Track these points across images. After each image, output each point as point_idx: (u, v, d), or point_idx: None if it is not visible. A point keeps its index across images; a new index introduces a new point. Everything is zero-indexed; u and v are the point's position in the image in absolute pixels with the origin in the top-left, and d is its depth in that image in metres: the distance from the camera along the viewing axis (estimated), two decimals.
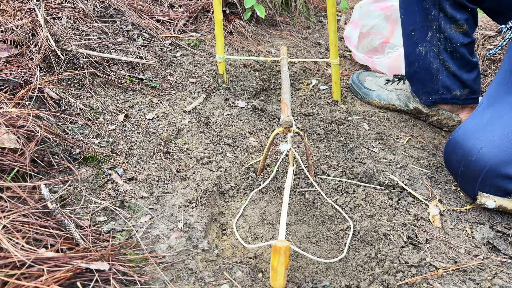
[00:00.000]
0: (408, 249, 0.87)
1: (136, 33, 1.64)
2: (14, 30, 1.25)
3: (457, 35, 1.22)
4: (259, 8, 1.85)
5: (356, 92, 1.57)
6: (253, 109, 1.43)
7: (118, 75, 1.38)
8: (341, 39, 2.02)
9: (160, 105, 1.32)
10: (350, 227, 0.94)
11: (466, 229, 0.97)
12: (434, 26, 1.24)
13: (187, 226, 0.88)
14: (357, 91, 1.57)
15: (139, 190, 0.97)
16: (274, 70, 1.66)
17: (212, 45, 1.75)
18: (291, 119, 0.96)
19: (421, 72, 1.34)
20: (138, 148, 1.11)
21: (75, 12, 1.58)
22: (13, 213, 0.75)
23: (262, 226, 0.96)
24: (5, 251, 0.67)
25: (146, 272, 0.75)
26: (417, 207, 1.02)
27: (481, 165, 0.98)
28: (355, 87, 1.58)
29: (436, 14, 1.21)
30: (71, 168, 0.96)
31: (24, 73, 1.14)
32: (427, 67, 1.32)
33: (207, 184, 1.01)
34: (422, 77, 1.35)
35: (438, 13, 1.21)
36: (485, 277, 0.82)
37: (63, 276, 0.65)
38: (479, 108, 1.08)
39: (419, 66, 1.34)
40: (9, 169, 0.86)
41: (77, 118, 1.13)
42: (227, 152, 1.18)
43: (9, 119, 0.94)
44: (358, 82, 1.57)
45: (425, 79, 1.35)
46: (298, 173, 1.11)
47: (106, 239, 0.81)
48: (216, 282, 0.77)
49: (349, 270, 0.84)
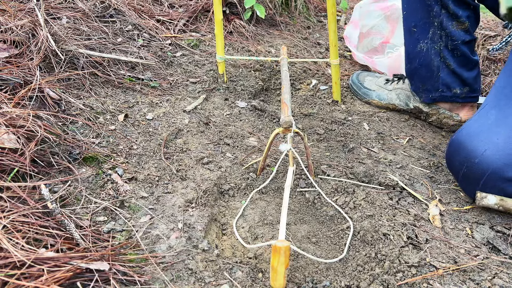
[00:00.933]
0: (408, 249, 0.87)
1: (136, 33, 1.64)
2: (14, 30, 1.25)
3: (459, 33, 1.22)
4: (259, 8, 1.85)
5: (356, 92, 1.57)
6: (253, 109, 1.43)
7: (118, 75, 1.38)
8: (341, 39, 2.02)
9: (160, 105, 1.32)
10: (350, 227, 0.94)
11: (466, 229, 0.97)
12: (436, 23, 1.23)
13: (187, 226, 0.88)
14: (357, 91, 1.57)
15: (139, 190, 0.97)
16: (274, 70, 1.66)
17: (212, 45, 1.75)
18: (291, 119, 0.96)
19: (422, 69, 1.34)
20: (138, 148, 1.11)
21: (75, 12, 1.58)
22: (13, 213, 0.75)
23: (262, 226, 0.96)
24: (5, 251, 0.67)
25: (146, 272, 0.75)
26: (417, 207, 1.02)
27: (484, 168, 0.97)
28: (354, 87, 1.58)
29: (438, 10, 1.21)
30: (71, 168, 0.96)
31: (24, 73, 1.14)
32: (428, 64, 1.32)
33: (207, 184, 1.01)
34: (423, 74, 1.35)
35: (440, 10, 1.21)
36: (485, 277, 0.82)
37: (63, 276, 0.65)
38: (484, 108, 1.06)
39: (420, 63, 1.34)
40: (9, 169, 0.86)
41: (77, 118, 1.13)
42: (227, 152, 1.18)
43: (9, 119, 0.94)
44: (358, 82, 1.57)
45: (425, 76, 1.34)
46: (298, 173, 1.11)
47: (106, 239, 0.81)
48: (216, 282, 0.77)
49: (349, 270, 0.84)
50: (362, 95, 1.55)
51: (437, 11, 1.21)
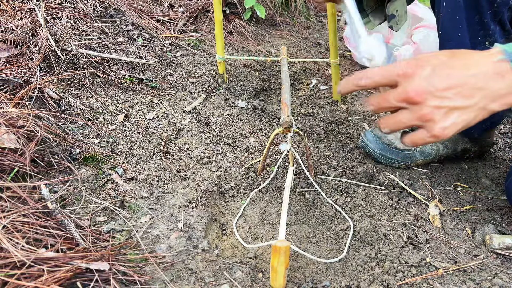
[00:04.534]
0: (408, 249, 0.87)
1: (136, 33, 1.64)
2: (14, 30, 1.25)
3: None
4: (259, 8, 1.85)
5: (391, 160, 1.17)
6: (253, 109, 1.43)
7: (118, 75, 1.38)
8: (341, 39, 2.02)
9: (160, 105, 1.32)
10: (350, 227, 0.94)
11: (466, 229, 0.97)
12: (487, 43, 1.05)
13: (187, 226, 0.88)
14: (393, 158, 1.17)
15: (139, 190, 0.97)
16: (274, 70, 1.66)
17: (212, 45, 1.75)
18: (291, 119, 0.96)
19: None
20: (138, 148, 1.11)
21: (75, 12, 1.58)
22: (13, 213, 0.75)
23: (262, 226, 0.96)
24: (5, 251, 0.67)
25: (146, 272, 0.75)
26: (417, 207, 1.02)
27: None
28: (388, 154, 1.18)
29: (494, 28, 1.04)
30: (71, 168, 0.96)
31: (24, 73, 1.14)
32: None
33: (207, 184, 1.01)
34: None
35: (495, 27, 1.04)
36: (485, 277, 0.82)
37: (63, 276, 0.65)
38: None
39: None
40: (9, 169, 0.86)
41: (77, 118, 1.13)
42: (227, 152, 1.18)
43: (9, 119, 0.94)
44: (390, 147, 1.18)
45: None
46: (298, 173, 1.11)
47: (106, 239, 0.81)
48: (216, 282, 0.77)
49: (349, 270, 0.84)
50: (402, 161, 1.18)
51: (493, 30, 1.04)
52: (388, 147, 1.17)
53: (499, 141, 1.38)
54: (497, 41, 1.05)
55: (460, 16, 1.02)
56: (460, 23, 1.04)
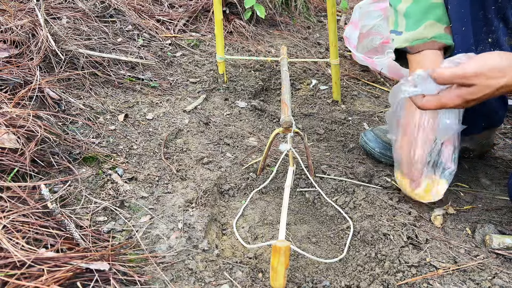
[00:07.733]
0: (408, 249, 0.87)
1: (136, 33, 1.64)
2: (14, 30, 1.25)
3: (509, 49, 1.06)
4: (259, 8, 1.85)
5: (392, 159, 1.11)
6: (253, 109, 1.43)
7: (118, 75, 1.38)
8: (341, 39, 2.02)
9: (160, 105, 1.32)
10: (350, 227, 0.94)
11: (466, 229, 0.97)
12: (490, 40, 1.04)
13: (187, 226, 0.88)
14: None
15: (139, 190, 0.97)
16: (274, 70, 1.66)
17: (212, 45, 1.75)
18: (291, 119, 0.96)
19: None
20: (138, 148, 1.11)
21: (75, 12, 1.58)
22: (13, 213, 0.75)
23: (262, 226, 0.96)
24: (5, 251, 0.67)
25: (146, 272, 0.75)
26: (417, 207, 1.02)
27: None
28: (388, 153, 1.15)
29: (497, 25, 1.03)
30: (71, 168, 0.96)
31: (24, 73, 1.14)
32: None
33: (207, 184, 1.01)
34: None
35: (499, 24, 1.03)
36: (485, 277, 0.82)
37: (63, 276, 0.65)
38: None
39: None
40: (9, 169, 0.86)
41: (77, 118, 1.13)
42: (227, 152, 1.18)
43: (9, 119, 0.94)
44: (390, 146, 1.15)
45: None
46: (298, 173, 1.11)
47: (106, 239, 0.81)
48: (216, 282, 0.77)
49: (349, 270, 0.84)
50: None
51: (496, 26, 1.03)
52: (388, 146, 1.16)
53: (499, 141, 1.38)
54: (499, 38, 1.04)
55: (465, 10, 1.01)
56: (465, 17, 1.02)
